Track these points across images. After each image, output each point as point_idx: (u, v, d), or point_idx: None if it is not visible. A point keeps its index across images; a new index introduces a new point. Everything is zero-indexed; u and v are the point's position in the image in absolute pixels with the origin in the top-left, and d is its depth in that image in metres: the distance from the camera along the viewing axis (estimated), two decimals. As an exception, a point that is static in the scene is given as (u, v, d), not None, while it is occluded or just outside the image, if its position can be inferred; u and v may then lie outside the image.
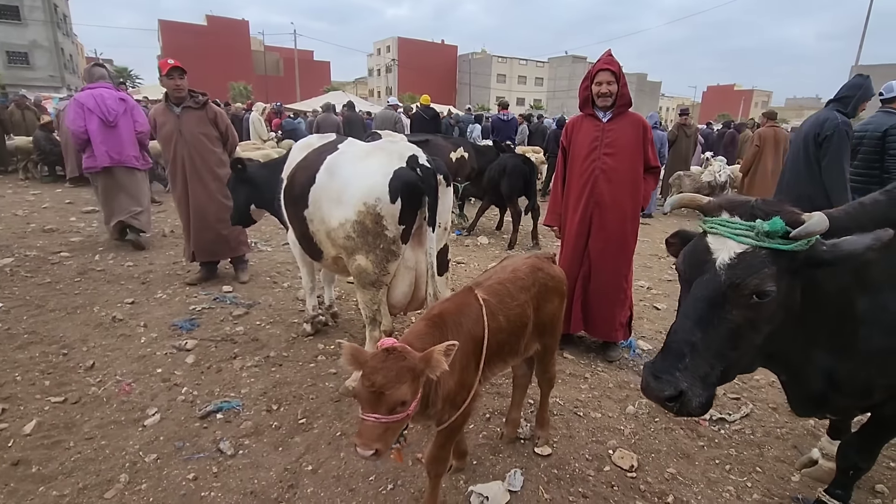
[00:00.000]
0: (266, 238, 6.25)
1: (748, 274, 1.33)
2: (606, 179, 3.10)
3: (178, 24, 51.70)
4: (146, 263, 5.01)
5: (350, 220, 2.58)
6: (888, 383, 1.59)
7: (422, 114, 9.65)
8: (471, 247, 6.33)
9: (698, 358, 1.36)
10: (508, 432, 2.41)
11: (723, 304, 1.36)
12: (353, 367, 1.44)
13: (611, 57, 3.06)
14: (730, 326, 1.37)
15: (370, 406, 1.38)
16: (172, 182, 4.33)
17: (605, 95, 3.04)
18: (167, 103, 4.18)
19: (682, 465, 2.30)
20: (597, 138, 3.11)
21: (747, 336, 1.39)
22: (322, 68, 61.70)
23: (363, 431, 1.38)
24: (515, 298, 1.91)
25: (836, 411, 1.80)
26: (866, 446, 1.82)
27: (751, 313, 1.36)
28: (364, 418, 1.38)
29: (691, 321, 1.38)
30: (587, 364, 3.28)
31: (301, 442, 2.37)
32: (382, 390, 1.35)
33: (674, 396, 1.35)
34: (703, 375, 1.37)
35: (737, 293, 1.34)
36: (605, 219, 3.15)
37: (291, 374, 2.99)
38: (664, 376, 1.36)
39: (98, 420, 2.46)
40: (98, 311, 3.78)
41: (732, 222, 1.40)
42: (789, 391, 1.79)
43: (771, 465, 2.34)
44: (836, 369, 1.58)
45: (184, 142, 4.17)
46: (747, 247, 1.35)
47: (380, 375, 1.37)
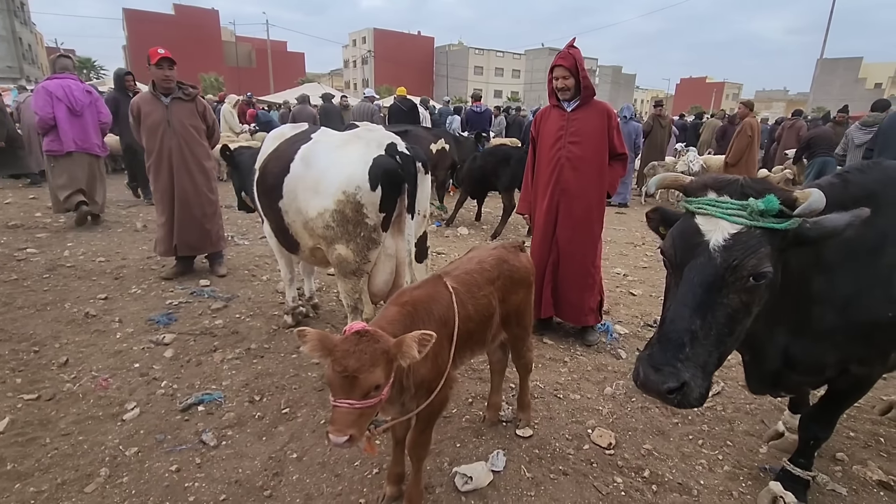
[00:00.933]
0: (243, 231, 6.16)
1: (745, 255, 1.29)
2: (572, 167, 3.17)
3: (143, 13, 49.86)
4: (119, 258, 4.88)
5: (329, 209, 2.57)
6: (838, 360, 1.67)
7: (399, 105, 9.60)
8: (451, 237, 6.37)
9: (699, 346, 1.32)
10: (490, 416, 2.46)
11: (720, 289, 1.32)
12: (319, 354, 1.38)
13: (567, 50, 3.07)
14: (727, 311, 1.33)
15: (343, 392, 1.33)
16: (156, 174, 4.18)
17: (562, 90, 3.10)
18: (154, 92, 4.06)
19: (657, 442, 2.39)
20: (562, 127, 3.17)
21: (742, 319, 1.38)
22: (296, 59, 60.49)
23: (336, 418, 1.33)
24: (482, 289, 1.93)
25: (790, 388, 1.88)
26: (824, 418, 1.92)
27: (747, 296, 1.34)
28: (337, 405, 1.33)
29: (689, 308, 1.33)
30: (566, 348, 3.35)
31: (285, 431, 2.37)
32: (356, 374, 1.31)
33: (675, 388, 1.29)
34: (704, 364, 1.33)
35: (734, 276, 1.30)
36: (572, 206, 3.22)
37: (273, 365, 2.98)
38: (665, 368, 1.31)
39: (74, 416, 2.41)
40: (69, 307, 3.68)
41: (723, 202, 1.36)
42: (750, 370, 1.85)
43: (741, 438, 2.45)
44: (793, 348, 1.64)
45: (173, 132, 4.07)
46: (741, 227, 1.32)
47: (352, 359, 1.32)
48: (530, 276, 2.17)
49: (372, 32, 61.91)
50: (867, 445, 2.42)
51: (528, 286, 2.16)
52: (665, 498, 2.03)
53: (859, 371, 1.72)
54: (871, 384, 1.81)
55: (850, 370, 1.72)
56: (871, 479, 2.15)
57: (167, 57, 3.94)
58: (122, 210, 7.07)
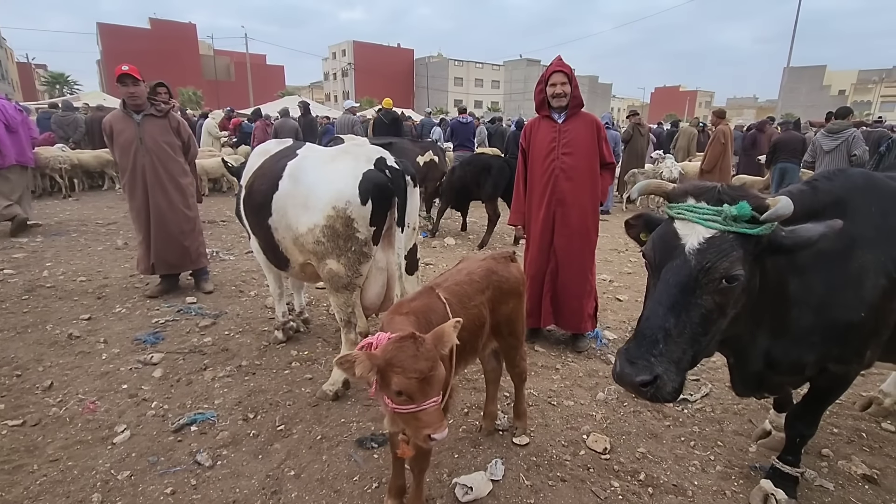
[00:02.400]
0: (228, 247, 6.09)
1: (717, 258, 1.37)
2: (566, 177, 3.25)
3: (118, 28, 49.25)
4: (100, 277, 4.78)
5: (319, 224, 2.58)
6: (817, 360, 1.74)
7: (382, 118, 9.64)
8: (438, 248, 6.39)
9: (672, 343, 1.40)
10: (486, 425, 2.48)
11: (694, 290, 1.40)
12: (372, 373, 1.40)
13: (562, 60, 3.21)
14: (701, 311, 1.41)
15: (423, 394, 1.38)
16: (131, 192, 4.13)
17: (559, 96, 3.18)
18: (125, 110, 4.00)
19: (651, 445, 2.44)
20: (554, 139, 3.25)
21: (717, 320, 1.45)
22: (276, 73, 60.34)
23: (431, 419, 1.38)
24: (472, 299, 1.96)
25: (774, 389, 1.95)
26: (809, 416, 1.99)
27: (720, 297, 1.41)
28: (425, 407, 1.38)
29: (664, 307, 1.41)
30: (557, 356, 3.40)
31: (281, 448, 2.35)
32: (432, 373, 1.37)
33: (648, 382, 1.37)
34: (677, 360, 1.41)
35: (707, 277, 1.38)
36: (568, 215, 3.29)
37: (266, 381, 2.95)
38: (639, 362, 1.39)
39: (62, 441, 2.35)
40: (51, 329, 3.59)
41: (700, 207, 1.44)
42: (735, 373, 1.91)
43: (731, 438, 2.51)
44: (774, 349, 1.71)
45: (145, 150, 4.01)
46: (715, 231, 1.39)
47: (422, 362, 1.37)
48: (520, 286, 2.20)
49: (352, 45, 62.16)
50: (850, 441, 2.50)
51: (518, 296, 2.18)
52: (661, 500, 2.07)
53: (837, 369, 1.79)
54: (849, 382, 1.89)
55: (829, 369, 1.79)
56: (857, 474, 2.22)
57: (129, 73, 3.85)
58: (102, 228, 6.93)
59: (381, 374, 1.42)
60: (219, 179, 10.40)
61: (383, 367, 1.41)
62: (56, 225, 7.04)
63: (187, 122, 5.72)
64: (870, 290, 1.62)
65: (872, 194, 1.69)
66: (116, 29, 48.94)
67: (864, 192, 1.69)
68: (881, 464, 2.31)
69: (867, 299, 1.62)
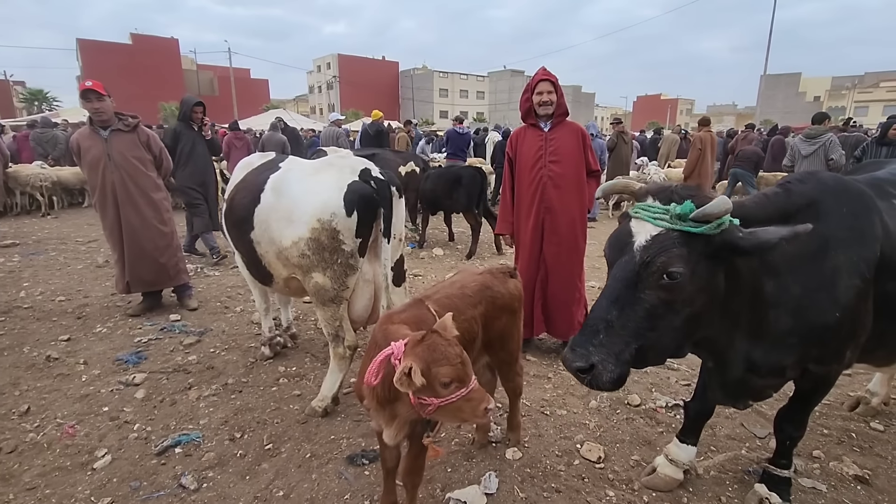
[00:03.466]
0: (212, 262, 5.99)
1: (657, 253, 1.41)
2: (554, 185, 3.26)
3: (99, 44, 48.75)
4: (80, 297, 4.66)
5: (304, 237, 2.54)
6: (796, 361, 1.75)
7: (367, 129, 9.65)
8: (426, 259, 6.37)
9: (613, 335, 1.44)
10: (479, 437, 2.44)
11: (636, 284, 1.44)
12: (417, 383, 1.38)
13: (547, 70, 3.26)
14: (644, 306, 1.44)
15: (465, 377, 1.43)
16: (102, 210, 4.02)
17: (546, 104, 3.19)
18: (92, 127, 3.92)
19: (644, 452, 2.42)
20: (541, 147, 3.27)
21: (665, 317, 1.46)
22: (260, 86, 60.09)
23: (477, 395, 1.44)
24: (463, 313, 1.93)
25: (754, 395, 1.92)
26: (796, 417, 1.98)
27: (663, 293, 1.43)
28: (473, 387, 1.44)
29: (607, 300, 1.47)
30: (549, 364, 3.38)
31: (269, 468, 2.28)
32: (464, 357, 1.43)
33: (585, 369, 1.43)
34: (617, 352, 1.44)
35: (647, 272, 1.42)
36: (556, 223, 3.31)
37: (253, 399, 2.88)
38: (578, 349, 1.45)
39: (39, 468, 2.26)
40: (28, 351, 3.48)
41: (652, 206, 1.50)
42: (714, 378, 1.90)
43: (724, 443, 2.51)
44: (753, 352, 1.71)
45: (114, 166, 3.91)
46: (661, 229, 1.44)
47: (455, 347, 1.43)
48: (515, 302, 2.16)
49: (336, 58, 62.31)
50: (841, 441, 2.52)
51: (512, 312, 2.15)
52: (657, 508, 2.05)
53: (818, 370, 1.80)
54: (832, 382, 1.88)
55: (810, 370, 1.80)
56: (848, 475, 2.23)
57: (93, 89, 3.76)
58: (82, 245, 6.79)
59: (423, 374, 1.42)
60: (203, 194, 10.26)
61: (424, 367, 1.41)
62: (34, 243, 6.88)
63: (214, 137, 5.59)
64: (844, 291, 1.63)
65: (844, 196, 1.72)
66: (97, 44, 48.44)
67: (836, 194, 1.71)
68: (872, 464, 2.33)
69: (842, 300, 1.64)
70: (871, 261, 1.66)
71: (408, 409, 1.51)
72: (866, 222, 1.69)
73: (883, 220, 1.72)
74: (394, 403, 1.55)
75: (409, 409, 1.51)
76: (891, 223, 1.74)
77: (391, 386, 1.42)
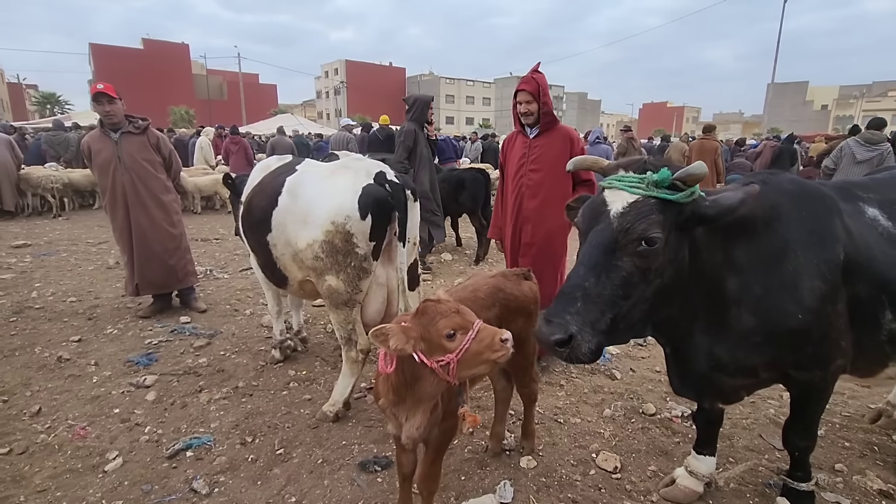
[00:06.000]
0: (222, 265, 6.00)
1: (636, 219, 1.42)
2: (531, 195, 3.10)
3: (111, 48, 49.45)
4: (91, 298, 4.68)
5: (318, 240, 2.53)
6: (767, 363, 1.72)
7: (377, 134, 9.67)
8: (434, 263, 6.34)
9: (589, 303, 1.41)
10: (493, 446, 2.40)
11: (614, 251, 1.44)
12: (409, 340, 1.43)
13: (531, 75, 3.01)
14: (622, 274, 1.43)
15: (469, 320, 1.44)
16: (112, 212, 4.05)
17: (525, 114, 3.04)
18: (103, 129, 3.94)
19: (661, 462, 2.38)
20: (524, 155, 3.12)
21: (638, 286, 1.46)
22: (268, 91, 60.67)
23: (488, 332, 1.43)
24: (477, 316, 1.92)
25: (723, 394, 1.88)
26: (798, 427, 1.92)
27: (639, 260, 1.44)
28: (478, 328, 1.43)
29: (585, 267, 1.45)
30: (561, 371, 3.34)
31: (281, 474, 2.26)
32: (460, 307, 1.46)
33: (563, 341, 1.37)
34: (594, 321, 1.41)
35: (626, 238, 1.42)
36: (533, 234, 3.13)
37: (263, 403, 2.86)
38: (555, 319, 1.39)
39: (50, 470, 2.25)
40: (40, 351, 3.48)
41: (626, 176, 1.51)
42: (671, 365, 1.89)
43: (742, 454, 2.46)
44: (717, 348, 1.69)
45: (124, 168, 3.93)
46: (638, 197, 1.45)
47: (450, 304, 1.46)
48: (530, 304, 2.13)
49: (344, 63, 62.84)
50: (863, 455, 2.46)
51: (527, 315, 2.12)
52: (676, 521, 2.01)
53: (800, 376, 1.76)
54: (823, 390, 1.81)
55: (791, 375, 1.77)
56: (872, 489, 2.17)
57: (104, 92, 3.78)
58: (93, 247, 6.83)
59: (425, 339, 1.44)
60: (212, 197, 10.33)
61: (424, 331, 1.43)
62: (46, 244, 6.93)
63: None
64: (806, 292, 1.62)
65: (803, 200, 1.72)
66: (109, 49, 49.11)
67: (795, 197, 1.72)
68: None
69: (805, 302, 1.62)
70: (834, 262, 1.65)
71: (432, 382, 1.51)
72: (826, 224, 1.69)
73: (845, 222, 1.71)
74: (415, 385, 1.54)
75: (433, 383, 1.52)
76: (854, 225, 1.73)
77: (409, 366, 1.47)
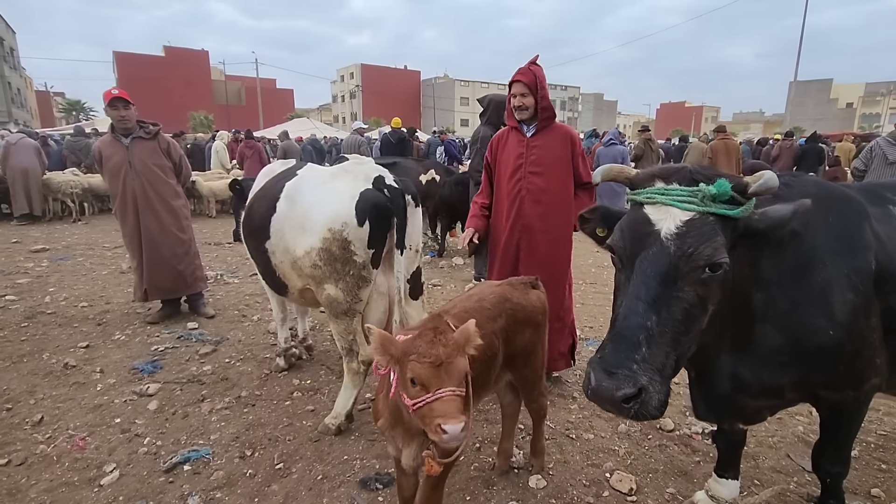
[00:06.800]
0: (232, 269, 6.00)
1: (700, 242, 1.21)
2: (534, 201, 2.82)
3: (133, 56, 50.75)
4: (102, 303, 4.69)
5: (315, 247, 2.45)
6: (795, 383, 1.56)
7: (389, 137, 9.63)
8: (445, 268, 6.25)
9: (654, 346, 1.20)
10: (500, 464, 2.28)
11: (675, 281, 1.22)
12: (384, 355, 1.34)
13: (529, 66, 2.77)
14: (683, 306, 1.23)
15: (441, 381, 1.28)
16: (123, 217, 4.05)
17: (520, 108, 2.79)
18: (114, 134, 3.95)
19: (680, 484, 2.23)
20: (521, 155, 2.83)
21: (698, 318, 1.27)
22: (285, 96, 61.51)
23: (446, 409, 1.25)
24: (482, 328, 1.80)
25: (745, 415, 1.73)
26: (829, 451, 1.76)
27: (702, 289, 1.24)
28: (440, 395, 1.26)
29: (644, 302, 1.21)
30: (574, 383, 3.20)
31: (279, 490, 2.18)
32: (450, 361, 1.29)
33: (632, 396, 1.15)
34: (661, 367, 1.21)
35: (689, 265, 1.21)
36: (535, 244, 2.86)
37: (265, 414, 2.79)
38: (620, 371, 1.16)
39: (47, 483, 2.20)
40: (48, 357, 3.48)
41: (672, 189, 1.28)
42: (696, 390, 1.72)
43: (768, 476, 2.30)
44: (741, 368, 1.54)
45: (135, 173, 3.94)
46: (693, 214, 1.24)
47: (441, 348, 1.29)
48: (538, 314, 2.01)
49: (360, 67, 63.32)
50: (902, 479, 2.28)
51: (535, 326, 2.01)
52: (697, 550, 1.87)
53: (831, 397, 1.61)
54: (857, 411, 1.65)
55: (821, 395, 1.61)
56: (914, 518, 2.00)
57: (121, 97, 3.81)
58: (108, 251, 6.89)
59: (400, 366, 1.33)
60: (227, 201, 10.40)
61: (400, 357, 1.31)
62: (63, 249, 7.02)
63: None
64: (837, 306, 1.45)
65: (829, 204, 1.55)
66: (132, 57, 50.40)
67: (820, 200, 1.51)
68: (940, 506, 2.09)
69: (836, 317, 1.45)
70: (865, 272, 1.48)
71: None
72: (855, 231, 1.52)
73: (874, 227, 1.54)
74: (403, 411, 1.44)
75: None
76: (884, 231, 1.56)
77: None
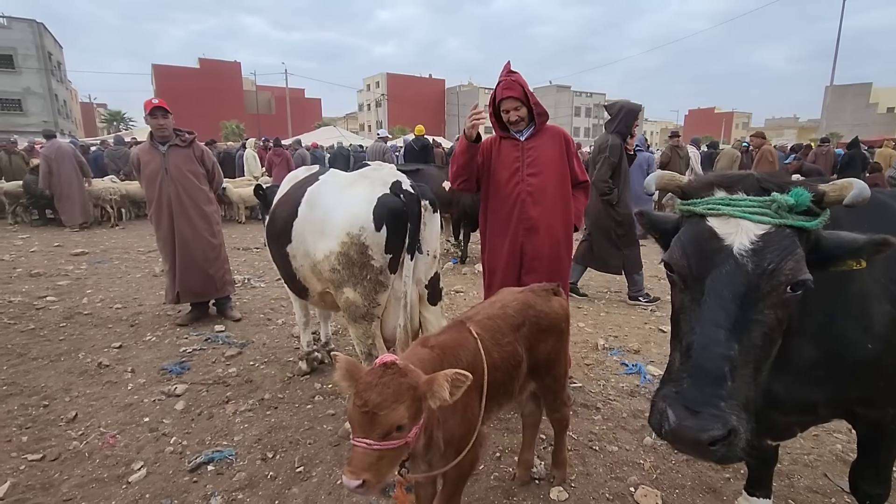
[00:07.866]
0: (259, 274, 6.12)
1: (781, 258, 1.08)
2: (534, 202, 2.81)
3: (171, 69, 52.77)
4: (135, 305, 4.85)
5: (334, 251, 2.47)
6: (830, 400, 1.46)
7: (412, 145, 9.72)
8: (468, 275, 6.23)
9: (739, 378, 1.06)
10: (521, 474, 2.25)
11: (755, 302, 1.10)
12: (346, 383, 1.28)
13: (511, 79, 2.73)
14: (763, 330, 1.10)
15: (362, 429, 1.21)
16: (157, 221, 4.21)
17: (516, 122, 2.78)
18: (152, 142, 4.12)
19: (709, 501, 2.15)
20: (517, 158, 2.83)
21: (776, 342, 1.15)
22: (313, 105, 62.83)
23: (353, 459, 1.19)
24: (506, 335, 1.78)
25: (775, 433, 1.63)
26: (869, 471, 1.65)
27: (782, 311, 1.12)
28: (356, 444, 1.20)
29: (724, 329, 1.08)
30: (598, 393, 3.13)
31: (299, 493, 2.19)
32: (376, 410, 1.19)
33: (721, 437, 1.01)
34: (746, 402, 1.07)
35: (771, 284, 1.09)
36: (539, 246, 2.84)
37: (287, 417, 2.83)
38: (706, 410, 1.02)
39: (78, 478, 2.28)
40: (83, 357, 3.61)
41: (740, 199, 1.16)
42: None
43: (803, 496, 2.19)
44: (774, 385, 1.42)
45: (170, 180, 4.10)
46: (768, 226, 1.12)
47: (374, 393, 1.20)
48: (561, 322, 1.99)
49: (385, 77, 64.25)
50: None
51: (558, 334, 1.98)
52: (726, 572, 1.79)
53: (869, 414, 1.51)
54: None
55: (858, 413, 1.51)
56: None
57: (160, 106, 3.99)
58: (143, 255, 7.14)
59: None
60: (255, 207, 10.66)
61: (354, 383, 1.27)
62: (101, 252, 7.32)
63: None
64: (876, 318, 1.35)
65: (866, 210, 1.44)
66: (169, 69, 52.44)
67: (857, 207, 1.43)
68: None
69: (875, 330, 1.35)
70: None
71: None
72: None
73: None
74: None
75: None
76: None
77: None
